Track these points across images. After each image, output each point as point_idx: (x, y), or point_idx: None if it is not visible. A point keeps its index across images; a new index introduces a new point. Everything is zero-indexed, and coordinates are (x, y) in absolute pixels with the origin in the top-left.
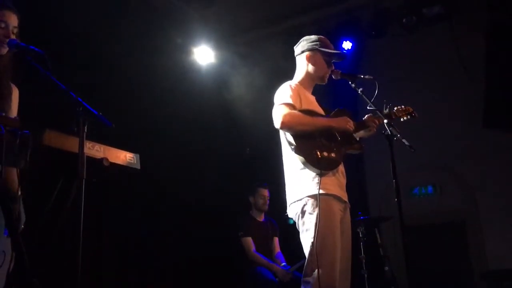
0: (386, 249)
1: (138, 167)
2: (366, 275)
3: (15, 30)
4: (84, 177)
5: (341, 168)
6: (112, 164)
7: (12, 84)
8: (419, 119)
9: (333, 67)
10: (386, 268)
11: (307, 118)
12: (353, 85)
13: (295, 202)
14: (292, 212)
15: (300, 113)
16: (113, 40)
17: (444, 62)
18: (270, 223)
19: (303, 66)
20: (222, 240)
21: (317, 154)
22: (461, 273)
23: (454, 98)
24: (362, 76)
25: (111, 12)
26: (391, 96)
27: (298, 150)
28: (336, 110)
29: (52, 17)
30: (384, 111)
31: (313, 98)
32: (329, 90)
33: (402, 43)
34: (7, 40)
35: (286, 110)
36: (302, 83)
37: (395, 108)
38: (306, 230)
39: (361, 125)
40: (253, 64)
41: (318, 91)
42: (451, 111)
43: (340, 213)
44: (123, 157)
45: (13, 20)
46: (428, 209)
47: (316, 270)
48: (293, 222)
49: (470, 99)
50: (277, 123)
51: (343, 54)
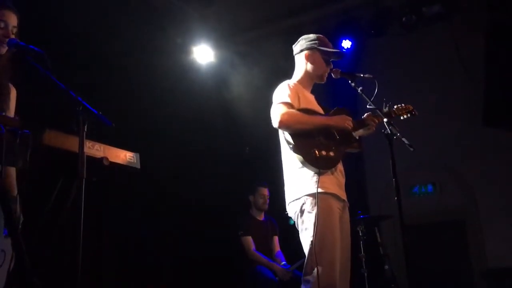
0: (386, 248)
1: (138, 166)
2: (366, 274)
3: (15, 30)
4: (84, 176)
5: (339, 167)
6: (112, 163)
7: (10, 84)
8: (419, 118)
9: (332, 66)
10: (386, 267)
11: (305, 117)
12: (352, 84)
13: (294, 201)
14: (291, 211)
15: (298, 112)
16: (113, 39)
17: (444, 61)
18: (270, 222)
19: (302, 65)
20: (222, 240)
21: (315, 153)
22: (461, 272)
23: (454, 97)
24: (361, 75)
25: (111, 12)
26: (391, 95)
27: (297, 149)
28: (335, 108)
29: (52, 17)
30: (384, 109)
31: (312, 97)
32: (328, 89)
33: (402, 42)
34: (7, 40)
35: (284, 109)
36: (301, 82)
37: (395, 107)
38: (305, 229)
39: (360, 123)
40: (253, 64)
41: (317, 90)
42: (450, 109)
43: (339, 211)
44: (123, 156)
45: (13, 20)
46: (428, 208)
47: (316, 269)
48: (294, 223)
49: (470, 98)
50: (275, 122)
51: (342, 53)
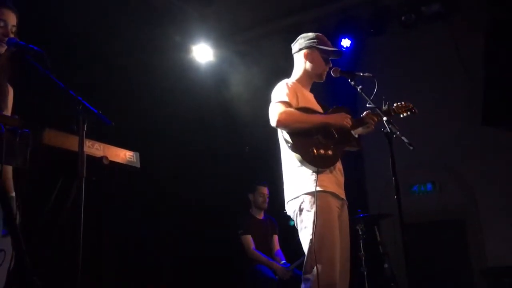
0: (385, 247)
1: (138, 165)
2: (365, 272)
3: (14, 29)
4: (84, 175)
5: (338, 165)
6: (112, 162)
7: (7, 84)
8: (419, 117)
9: (331, 65)
10: (386, 265)
11: (303, 116)
12: (352, 83)
13: (292, 199)
14: (290, 209)
15: (296, 111)
16: (113, 39)
17: (443, 60)
18: (269, 221)
19: (300, 64)
20: (222, 240)
21: (313, 151)
22: (461, 271)
23: (454, 96)
24: (361, 74)
25: (111, 12)
26: (390, 94)
27: (295, 148)
28: (334, 107)
29: (52, 17)
30: (383, 107)
31: (311, 95)
32: (328, 88)
33: (401, 41)
34: (6, 39)
35: (282, 108)
36: (299, 80)
37: (394, 105)
38: (305, 227)
39: (359, 122)
40: (252, 63)
41: (317, 89)
42: (450, 109)
43: (338, 210)
44: (122, 155)
45: (12, 19)
46: (427, 206)
47: (315, 267)
48: (293, 224)
49: (470, 98)
50: (273, 121)
51: (340, 52)
